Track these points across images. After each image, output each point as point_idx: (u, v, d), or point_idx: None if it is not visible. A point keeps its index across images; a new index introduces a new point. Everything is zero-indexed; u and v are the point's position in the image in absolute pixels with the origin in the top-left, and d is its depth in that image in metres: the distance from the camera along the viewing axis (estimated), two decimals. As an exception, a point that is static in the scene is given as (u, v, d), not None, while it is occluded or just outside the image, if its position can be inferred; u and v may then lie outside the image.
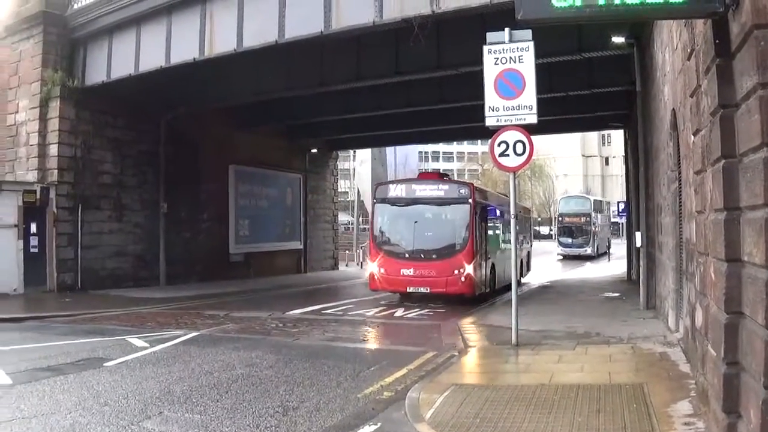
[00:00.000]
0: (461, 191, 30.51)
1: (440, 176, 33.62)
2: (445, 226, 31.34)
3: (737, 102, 7.64)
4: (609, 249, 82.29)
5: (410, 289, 29.85)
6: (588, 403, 11.34)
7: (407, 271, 29.60)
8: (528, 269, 46.53)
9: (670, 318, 18.36)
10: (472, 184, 32.33)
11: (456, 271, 28.91)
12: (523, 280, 41.51)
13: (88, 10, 33.20)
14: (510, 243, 28.36)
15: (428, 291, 29.70)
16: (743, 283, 7.58)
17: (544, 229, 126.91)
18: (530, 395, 12.06)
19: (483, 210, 31.55)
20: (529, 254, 47.61)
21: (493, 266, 32.85)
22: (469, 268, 28.95)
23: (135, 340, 18.68)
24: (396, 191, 31.74)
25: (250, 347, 18.26)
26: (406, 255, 30.26)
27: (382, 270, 30.20)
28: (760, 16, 6.80)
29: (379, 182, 35.79)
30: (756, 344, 6.93)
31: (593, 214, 79.15)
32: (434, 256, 29.91)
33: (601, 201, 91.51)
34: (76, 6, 33.97)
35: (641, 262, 25.97)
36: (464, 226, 29.89)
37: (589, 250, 75.82)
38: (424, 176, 34.61)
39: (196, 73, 32.27)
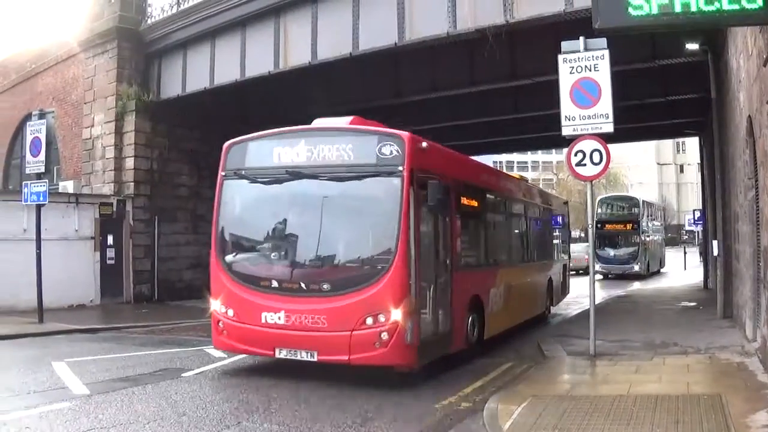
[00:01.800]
0: (385, 150, 15.44)
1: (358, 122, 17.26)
2: (350, 225, 16.50)
3: (815, 109, 7.60)
4: (662, 265, 69.71)
5: (282, 353, 15.46)
6: (666, 414, 11.27)
7: (274, 317, 15.52)
8: (564, 292, 32.83)
9: (748, 327, 18.17)
10: (412, 136, 15.62)
11: (369, 320, 14.79)
12: (554, 309, 30.28)
13: (162, 25, 33.62)
14: (530, 254, 26.35)
15: (314, 359, 15.14)
16: (822, 292, 7.52)
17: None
18: (608, 406, 12.03)
19: (440, 191, 15.76)
20: (565, 269, 33.47)
21: (476, 304, 18.84)
22: (396, 313, 14.53)
23: (212, 351, 18.78)
24: (261, 155, 17.26)
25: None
26: (274, 284, 15.94)
27: (231, 312, 16.32)
28: (837, 23, 6.77)
29: (233, 140, 18.48)
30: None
31: (643, 220, 62.04)
32: (326, 288, 15.33)
33: (652, 204, 76.06)
34: (150, 21, 34.44)
35: (718, 271, 25.73)
36: (390, 225, 15.14)
37: (636, 267, 58.66)
38: (319, 124, 17.42)
39: (269, 85, 32.47)
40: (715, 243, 26.35)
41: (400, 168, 15.10)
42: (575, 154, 17.56)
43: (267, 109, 35.86)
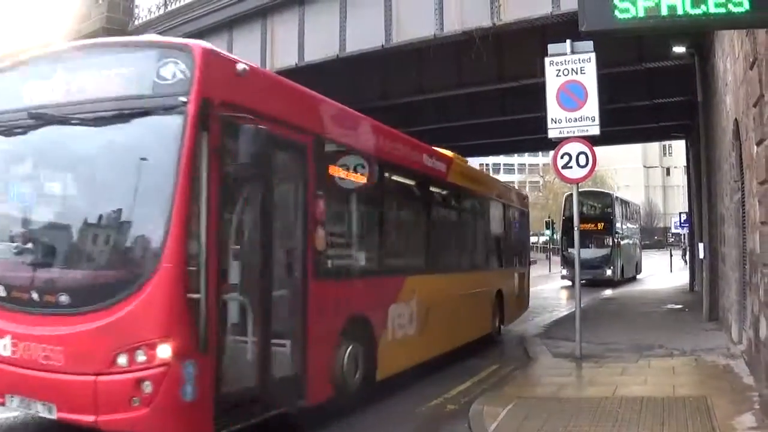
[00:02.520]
0: (165, 72, 9.52)
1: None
2: (106, 198, 9.98)
3: (801, 112, 7.63)
4: (639, 270, 64.84)
5: (13, 403, 9.65)
6: (652, 416, 11.27)
7: None
8: (522, 306, 26.95)
9: (734, 330, 18.23)
10: (211, 50, 10.12)
11: (122, 358, 8.87)
12: (507, 328, 24.25)
13: (149, 26, 33.32)
14: (467, 259, 20.60)
15: (53, 415, 9.24)
16: (808, 295, 7.55)
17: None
18: (594, 408, 12.02)
19: (268, 144, 9.91)
20: (524, 279, 27.42)
21: (360, 328, 13.35)
22: (164, 350, 8.73)
23: None
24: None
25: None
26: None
27: None
28: (824, 26, 6.80)
29: None
30: (822, 355, 6.92)
31: (617, 220, 56.25)
32: (64, 301, 9.36)
33: (628, 202, 67.38)
34: (137, 22, 34.28)
35: (704, 274, 25.80)
36: (160, 196, 9.11)
37: (608, 272, 52.63)
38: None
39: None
40: (701, 246, 26.43)
41: (183, 99, 9.17)
42: (561, 157, 17.60)
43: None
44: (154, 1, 33.36)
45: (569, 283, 51.35)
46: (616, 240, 54.27)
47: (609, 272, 52.75)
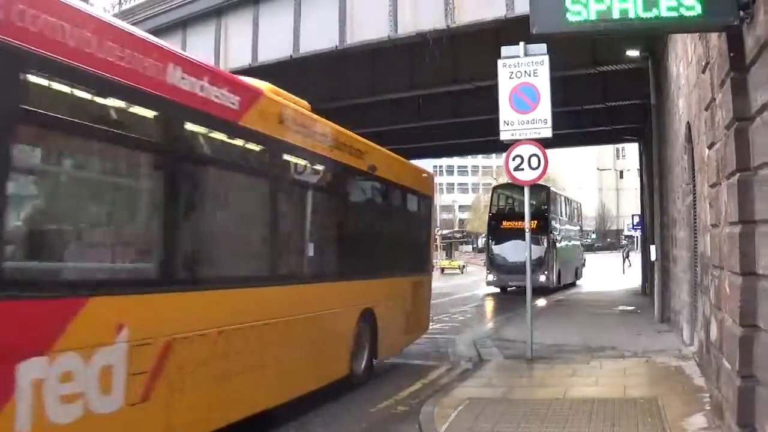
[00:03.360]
0: None
1: None
2: None
3: (752, 115, 7.67)
4: (579, 276, 59.13)
5: None
6: (603, 417, 11.28)
7: None
8: (419, 327, 19.98)
9: (685, 331, 18.33)
10: None
11: None
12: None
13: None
14: (292, 263, 12.94)
15: None
16: (758, 297, 7.59)
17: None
18: (545, 409, 12.00)
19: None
20: (420, 290, 20.08)
21: None
22: None
23: None
24: None
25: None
26: None
27: None
28: (775, 30, 6.84)
29: None
30: (771, 357, 6.96)
31: (554, 218, 49.73)
32: None
33: (569, 199, 61.64)
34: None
35: (656, 276, 25.94)
36: None
37: (542, 278, 44.55)
38: None
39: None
40: (653, 248, 26.55)
41: None
42: (513, 159, 17.61)
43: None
44: (109, 0, 33.15)
45: (496, 289, 47.63)
46: (552, 240, 47.90)
47: (543, 278, 45.03)
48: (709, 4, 7.76)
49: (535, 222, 37.20)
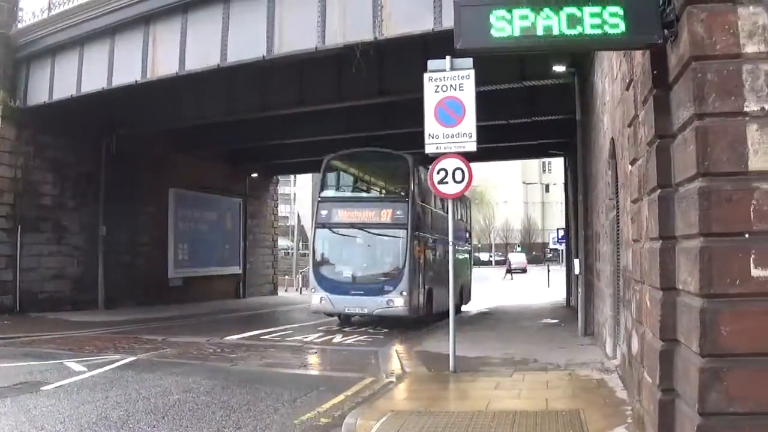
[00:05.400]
0: None
1: None
2: None
3: (674, 132, 7.78)
4: (466, 299, 41.35)
5: None
6: (525, 430, 11.34)
7: None
8: None
9: (608, 345, 18.49)
10: None
11: None
12: None
13: (32, 30, 32.99)
14: None
15: None
16: (678, 311, 7.70)
17: (484, 256, 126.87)
18: (467, 422, 12.01)
19: None
20: None
21: None
22: None
23: (73, 364, 18.44)
24: None
25: (187, 373, 18.02)
26: None
27: None
28: (698, 48, 6.95)
29: None
30: (690, 371, 7.04)
31: (423, 208, 32.31)
32: None
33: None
34: (20, 25, 33.73)
35: (579, 289, 26.12)
36: None
37: (398, 302, 29.35)
38: None
39: (139, 94, 32.23)
40: (576, 262, 26.74)
41: None
42: (438, 172, 17.66)
43: (135, 119, 35.64)
44: (38, 5, 32.85)
45: (329, 319, 32.15)
46: (417, 241, 30.79)
47: (398, 302, 29.32)
48: (633, 22, 7.85)
49: (389, 211, 30.66)
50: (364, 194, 33.93)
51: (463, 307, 40.11)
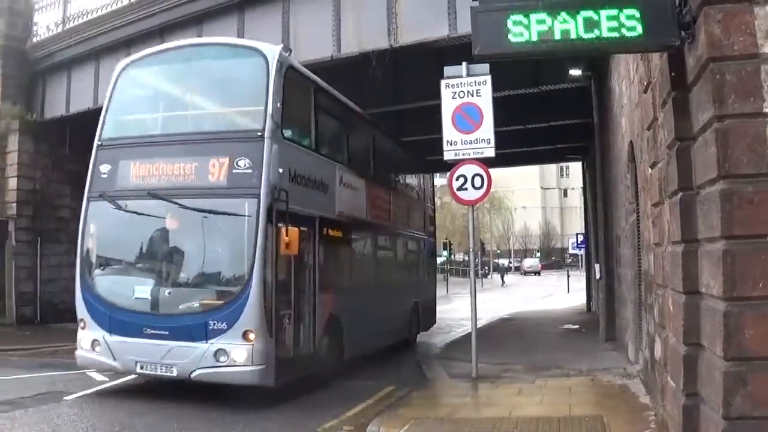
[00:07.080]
0: None
1: None
2: None
3: (694, 135, 7.72)
4: (423, 321, 27.39)
5: None
6: (548, 437, 11.32)
7: None
8: None
9: (630, 350, 18.39)
10: None
11: None
12: None
13: (48, 43, 33.07)
14: None
15: None
16: (701, 315, 7.63)
17: (503, 261, 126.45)
18: (490, 429, 11.98)
19: None
20: None
21: None
22: None
23: (94, 374, 18.43)
24: None
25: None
26: None
27: None
28: (716, 49, 6.89)
29: None
30: (715, 375, 6.97)
31: (276, 168, 15.17)
32: None
33: (397, 140, 30.44)
34: (35, 39, 33.84)
35: (600, 294, 26.01)
36: None
37: (239, 357, 14.16)
38: None
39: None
40: (597, 266, 26.64)
41: None
42: (457, 179, 17.60)
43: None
44: (53, 19, 32.94)
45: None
46: (288, 231, 14.84)
47: (241, 355, 14.34)
48: (650, 24, 7.80)
49: (223, 163, 15.81)
50: (178, 131, 17.84)
51: (422, 335, 27.76)
